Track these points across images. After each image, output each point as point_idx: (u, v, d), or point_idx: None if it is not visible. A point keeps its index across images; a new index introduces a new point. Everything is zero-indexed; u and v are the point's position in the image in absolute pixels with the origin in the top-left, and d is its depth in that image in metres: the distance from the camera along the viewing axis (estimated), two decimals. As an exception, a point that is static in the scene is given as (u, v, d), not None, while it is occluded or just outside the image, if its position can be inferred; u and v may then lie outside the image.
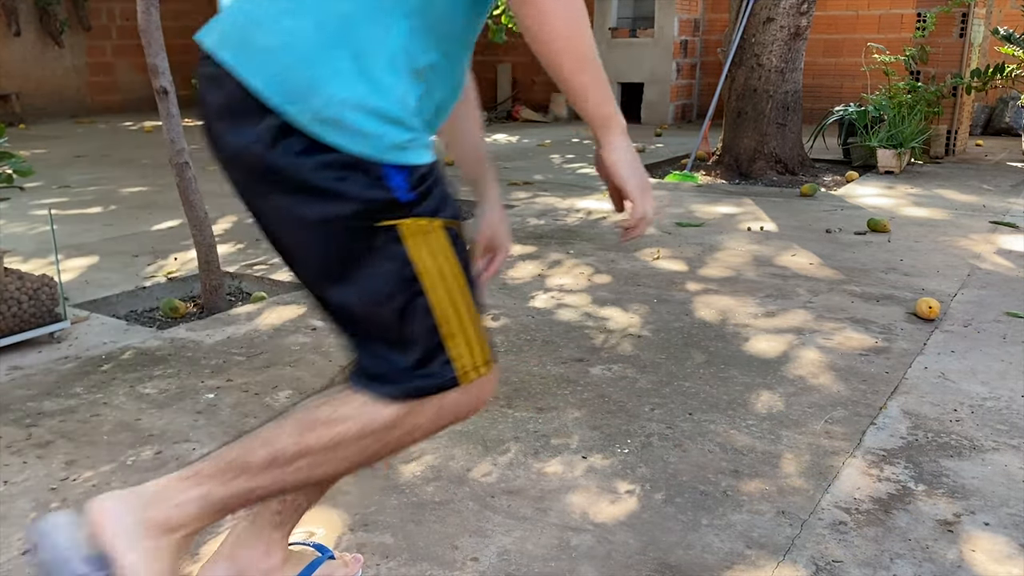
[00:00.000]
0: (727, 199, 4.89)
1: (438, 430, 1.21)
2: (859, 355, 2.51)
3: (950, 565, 1.52)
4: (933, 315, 2.79)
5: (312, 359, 2.50)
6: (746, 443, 1.97)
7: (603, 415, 2.12)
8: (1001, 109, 8.14)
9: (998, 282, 3.24)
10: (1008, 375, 2.36)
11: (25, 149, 7.22)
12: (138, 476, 1.84)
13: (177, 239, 3.99)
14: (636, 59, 9.49)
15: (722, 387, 2.29)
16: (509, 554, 1.56)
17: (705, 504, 1.72)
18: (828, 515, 1.68)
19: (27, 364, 2.48)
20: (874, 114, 5.98)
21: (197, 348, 2.59)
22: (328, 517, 1.68)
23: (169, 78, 2.82)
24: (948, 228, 4.15)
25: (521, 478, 1.82)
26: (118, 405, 2.19)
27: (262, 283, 3.37)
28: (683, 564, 1.53)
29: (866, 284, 3.21)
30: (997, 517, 1.67)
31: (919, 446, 1.96)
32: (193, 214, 2.97)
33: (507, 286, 3.22)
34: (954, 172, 5.88)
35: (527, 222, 4.34)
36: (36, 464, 1.89)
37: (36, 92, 10.45)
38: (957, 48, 6.40)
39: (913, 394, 2.24)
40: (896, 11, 8.53)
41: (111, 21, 11.09)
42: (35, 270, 3.13)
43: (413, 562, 1.53)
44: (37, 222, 4.39)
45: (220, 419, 2.11)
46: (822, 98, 8.70)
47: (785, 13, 5.48)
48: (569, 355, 2.53)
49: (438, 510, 1.70)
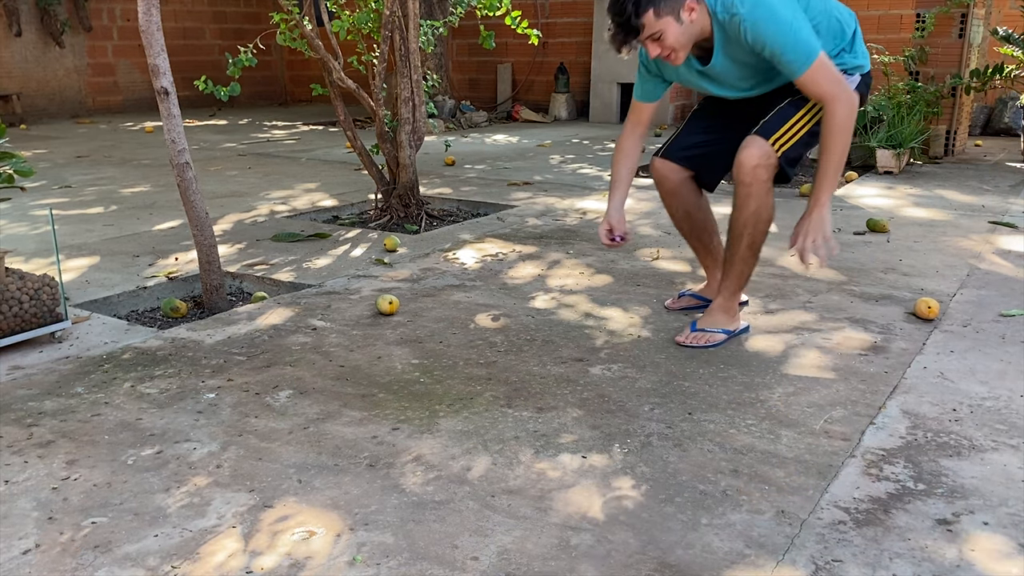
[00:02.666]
0: (726, 199, 4.88)
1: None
2: (858, 355, 2.51)
3: (949, 564, 1.53)
4: (932, 315, 2.79)
5: (312, 359, 2.51)
6: (746, 443, 1.98)
7: (603, 415, 2.13)
8: (1000, 109, 8.14)
9: (997, 282, 3.25)
10: (1007, 375, 2.37)
11: (26, 149, 7.23)
12: (139, 476, 1.84)
13: (178, 239, 3.99)
14: (636, 59, 9.48)
15: (722, 387, 2.29)
16: (509, 553, 1.56)
17: (705, 504, 1.72)
18: (827, 515, 1.68)
19: (28, 364, 2.48)
20: (873, 114, 5.98)
21: (198, 348, 2.60)
22: (328, 517, 1.68)
23: (170, 78, 2.82)
24: (947, 228, 4.15)
25: (521, 478, 1.83)
26: (119, 405, 2.20)
27: (263, 283, 3.37)
28: (683, 563, 1.53)
29: (865, 284, 3.22)
30: (996, 517, 1.68)
31: (918, 446, 1.97)
32: (194, 214, 2.97)
33: (507, 286, 3.22)
34: (953, 172, 5.89)
35: (527, 222, 4.35)
36: (37, 464, 1.90)
37: (37, 92, 10.46)
38: (956, 48, 6.41)
39: (912, 394, 2.25)
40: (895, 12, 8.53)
41: (112, 22, 11.09)
42: (36, 270, 3.14)
43: (413, 561, 1.54)
44: (38, 222, 4.39)
45: (221, 419, 2.12)
46: (822, 98, 8.70)
47: (785, 13, 5.48)
48: (569, 355, 2.53)
49: (438, 510, 1.71)
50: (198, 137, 8.21)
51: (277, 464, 1.89)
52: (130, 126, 9.45)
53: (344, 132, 4.40)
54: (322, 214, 4.69)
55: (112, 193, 5.29)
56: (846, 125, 2.33)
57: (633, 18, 2.23)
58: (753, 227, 2.47)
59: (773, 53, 2.29)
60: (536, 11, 10.41)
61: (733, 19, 2.28)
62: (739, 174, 2.43)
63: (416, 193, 4.40)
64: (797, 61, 2.28)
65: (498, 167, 6.29)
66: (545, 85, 10.55)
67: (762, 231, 2.50)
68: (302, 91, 12.84)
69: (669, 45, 2.30)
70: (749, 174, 2.41)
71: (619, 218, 2.65)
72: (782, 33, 2.25)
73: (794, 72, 2.30)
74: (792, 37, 2.26)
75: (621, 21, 2.25)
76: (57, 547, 1.59)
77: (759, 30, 2.26)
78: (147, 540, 1.61)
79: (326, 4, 4.41)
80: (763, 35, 2.26)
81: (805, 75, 2.30)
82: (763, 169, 2.40)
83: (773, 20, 2.25)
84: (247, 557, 1.55)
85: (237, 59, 3.81)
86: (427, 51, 4.74)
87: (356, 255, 3.73)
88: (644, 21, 2.23)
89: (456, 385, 2.32)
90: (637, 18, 2.23)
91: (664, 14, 2.23)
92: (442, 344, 2.63)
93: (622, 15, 2.24)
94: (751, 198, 2.44)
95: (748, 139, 2.44)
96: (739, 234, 2.51)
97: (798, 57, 2.27)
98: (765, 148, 2.41)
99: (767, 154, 2.40)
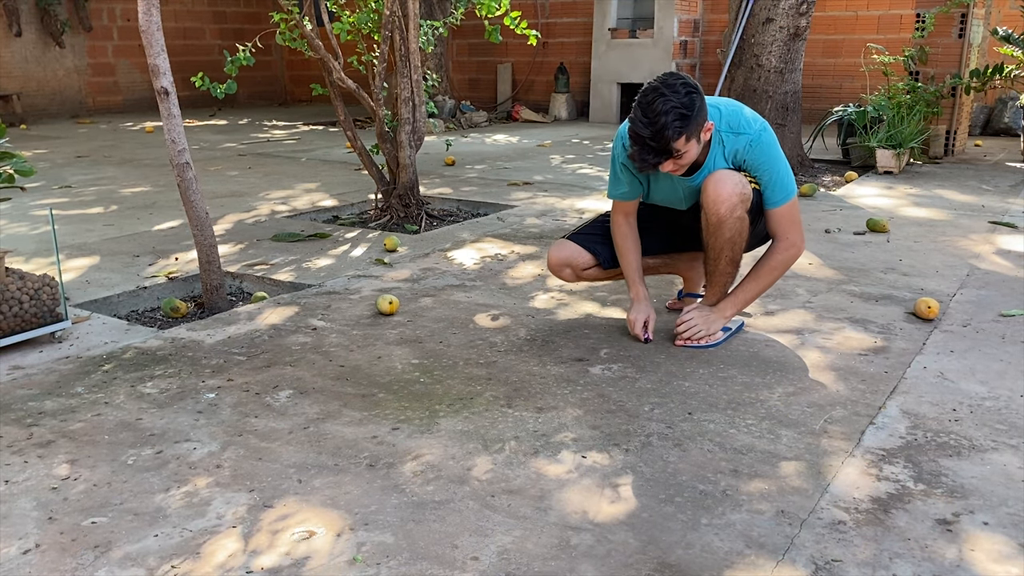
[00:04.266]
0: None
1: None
2: (858, 355, 2.51)
3: (949, 564, 1.53)
4: (932, 315, 2.79)
5: (312, 359, 2.51)
6: (745, 442, 1.98)
7: (603, 415, 2.13)
8: (1000, 109, 8.14)
9: (997, 282, 3.25)
10: (1007, 375, 2.37)
11: (26, 149, 7.23)
12: (139, 476, 1.84)
13: (178, 239, 4.00)
14: (635, 59, 9.50)
15: (722, 387, 2.29)
16: (509, 553, 1.56)
17: (705, 503, 1.72)
18: (827, 514, 1.68)
19: (28, 364, 2.48)
20: (873, 114, 5.98)
21: (198, 348, 2.60)
22: (328, 517, 1.68)
23: (170, 78, 2.82)
24: (947, 228, 4.16)
25: (521, 478, 1.83)
26: (119, 405, 2.20)
27: (263, 283, 3.37)
28: (683, 563, 1.53)
29: (865, 284, 3.22)
30: (996, 516, 1.68)
31: (918, 446, 1.97)
32: (194, 214, 2.97)
33: (507, 286, 3.23)
34: (953, 172, 5.89)
35: (527, 222, 4.35)
36: (37, 464, 1.90)
37: (37, 92, 10.46)
38: (956, 48, 6.41)
39: (912, 394, 2.25)
40: (895, 11, 8.54)
41: (112, 21, 11.10)
42: (36, 270, 3.14)
43: (413, 561, 1.54)
44: (38, 222, 4.39)
45: (221, 419, 2.12)
46: (821, 98, 8.71)
47: (784, 14, 5.49)
48: (569, 355, 2.53)
49: (438, 510, 1.71)
50: (198, 137, 8.20)
51: (277, 464, 1.89)
52: (130, 126, 9.45)
53: (344, 132, 4.40)
54: (322, 214, 4.69)
55: (112, 193, 5.29)
56: (785, 266, 2.56)
57: (671, 143, 2.24)
58: (731, 248, 2.49)
59: (761, 179, 2.47)
60: (536, 11, 10.41)
61: (739, 138, 2.44)
62: (715, 208, 2.41)
63: (416, 193, 4.40)
64: (781, 193, 2.48)
65: (498, 167, 6.29)
66: (545, 85, 10.56)
67: (741, 247, 2.51)
68: (302, 91, 12.85)
69: (684, 163, 2.35)
70: (726, 210, 2.41)
71: (652, 311, 2.65)
72: (777, 164, 2.47)
73: (775, 202, 2.49)
74: (784, 171, 2.48)
75: (657, 146, 2.25)
76: (57, 547, 1.59)
77: (760, 153, 2.45)
78: (147, 540, 1.61)
79: (326, 4, 4.41)
80: (761, 159, 2.45)
81: (783, 207, 2.49)
82: (740, 206, 2.41)
83: (773, 150, 2.47)
84: (247, 557, 1.55)
85: (235, 57, 3.81)
86: (427, 51, 4.74)
87: (356, 255, 3.73)
88: (677, 145, 2.26)
89: (456, 385, 2.32)
90: (674, 142, 2.25)
91: (692, 137, 2.29)
92: (442, 344, 2.63)
93: (658, 140, 2.24)
94: (724, 227, 2.44)
95: (716, 173, 2.41)
96: (717, 255, 2.51)
97: (783, 190, 2.48)
98: (737, 177, 2.41)
99: (743, 183, 2.41)
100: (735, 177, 2.41)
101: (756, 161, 2.45)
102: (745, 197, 2.41)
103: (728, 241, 2.46)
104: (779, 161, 2.47)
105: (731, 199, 2.39)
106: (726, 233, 2.44)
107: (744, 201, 2.41)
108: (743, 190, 2.40)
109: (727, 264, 2.52)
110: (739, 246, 2.49)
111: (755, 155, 2.44)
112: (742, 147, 2.44)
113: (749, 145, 2.43)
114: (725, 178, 2.40)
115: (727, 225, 2.42)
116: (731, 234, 2.45)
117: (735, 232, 2.45)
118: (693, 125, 2.25)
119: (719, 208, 2.40)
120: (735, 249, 2.49)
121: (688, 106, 2.22)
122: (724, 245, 2.48)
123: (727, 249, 2.49)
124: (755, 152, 2.44)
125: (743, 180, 2.42)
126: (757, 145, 2.43)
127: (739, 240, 2.47)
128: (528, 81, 10.74)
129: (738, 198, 2.39)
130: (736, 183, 2.39)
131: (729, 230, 2.44)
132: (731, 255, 2.51)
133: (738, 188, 2.39)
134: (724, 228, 2.43)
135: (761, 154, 2.44)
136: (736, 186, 2.39)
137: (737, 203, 2.40)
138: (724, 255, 2.50)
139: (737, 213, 2.41)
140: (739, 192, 2.39)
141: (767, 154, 2.44)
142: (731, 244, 2.48)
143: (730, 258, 2.51)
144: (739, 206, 2.40)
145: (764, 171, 2.46)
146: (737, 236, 2.46)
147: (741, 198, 2.40)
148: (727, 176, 2.40)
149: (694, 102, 2.24)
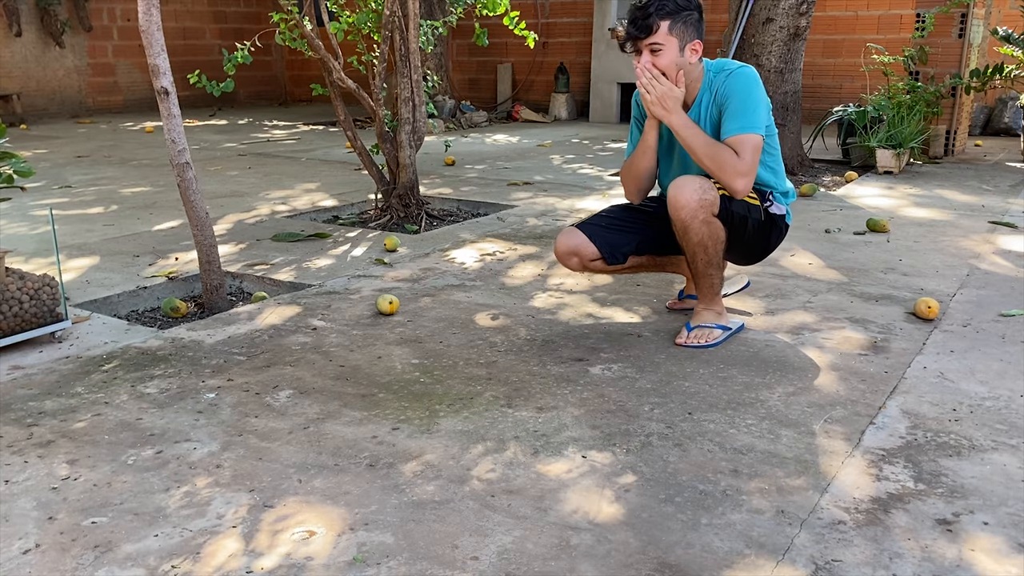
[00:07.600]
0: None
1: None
2: (858, 355, 2.52)
3: (949, 564, 1.53)
4: (932, 315, 2.79)
5: (312, 359, 2.51)
6: (746, 442, 1.98)
7: (603, 415, 2.13)
8: (1000, 109, 8.14)
9: (997, 282, 3.25)
10: (1007, 375, 2.37)
11: (26, 149, 7.23)
12: (139, 476, 1.84)
13: (178, 239, 4.00)
14: (636, 59, 9.49)
15: (721, 387, 2.29)
16: (509, 553, 1.56)
17: (705, 503, 1.72)
18: (827, 514, 1.68)
19: (28, 364, 2.48)
20: (873, 114, 5.98)
21: (198, 348, 2.60)
22: (328, 517, 1.68)
23: (170, 78, 2.82)
24: (947, 228, 4.16)
25: (521, 478, 1.83)
26: (119, 405, 2.20)
27: (263, 283, 3.37)
28: (683, 563, 1.53)
29: (865, 284, 3.22)
30: (996, 516, 1.68)
31: (918, 446, 1.97)
32: (194, 214, 2.97)
33: (507, 286, 3.23)
34: (953, 172, 5.89)
35: (527, 222, 4.35)
36: (37, 464, 1.90)
37: (37, 92, 10.46)
38: (956, 48, 6.41)
39: (912, 394, 2.25)
40: (895, 11, 8.53)
41: (112, 21, 11.09)
42: (36, 270, 3.14)
43: (413, 561, 1.54)
44: (38, 222, 4.39)
45: (221, 418, 2.12)
46: (821, 98, 8.71)
47: (784, 14, 5.49)
48: (569, 355, 2.53)
49: (438, 510, 1.71)
50: (198, 137, 8.20)
51: (277, 464, 1.89)
52: (130, 126, 9.45)
53: (344, 132, 4.40)
54: (322, 214, 4.69)
55: (112, 193, 5.29)
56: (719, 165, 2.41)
57: (652, 18, 2.38)
58: (704, 251, 2.51)
59: (729, 107, 2.45)
60: (536, 11, 10.41)
61: (722, 74, 2.50)
62: (676, 214, 2.45)
63: (416, 193, 4.40)
64: (742, 121, 2.43)
65: (498, 167, 6.29)
66: (545, 85, 10.56)
67: (715, 249, 2.52)
68: (302, 91, 12.84)
69: (662, 64, 2.43)
70: (687, 215, 2.43)
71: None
72: (748, 98, 2.45)
73: (733, 129, 2.42)
74: (752, 106, 2.45)
75: (639, 18, 2.40)
76: (57, 547, 1.59)
77: (736, 84, 2.46)
78: (147, 540, 1.61)
79: (326, 4, 4.41)
80: (735, 89, 2.46)
81: (738, 136, 2.42)
82: (701, 211, 2.43)
83: (748, 83, 2.47)
84: (247, 557, 1.55)
85: (233, 56, 3.81)
86: (427, 51, 4.74)
87: (356, 255, 3.73)
88: (657, 26, 2.39)
89: (456, 385, 2.32)
90: (654, 19, 2.38)
91: (674, 35, 2.41)
92: (442, 344, 2.63)
93: (644, 12, 2.40)
94: (690, 232, 2.47)
95: (677, 180, 2.47)
96: (692, 258, 2.55)
97: (745, 121, 2.43)
98: (697, 183, 2.43)
99: (704, 188, 2.42)
100: (695, 182, 2.43)
101: (729, 91, 2.46)
102: (706, 203, 2.43)
103: (698, 245, 2.49)
104: (750, 97, 2.45)
105: (690, 204, 2.42)
106: (693, 237, 2.48)
107: (706, 206, 2.43)
108: (703, 196, 2.42)
109: (704, 267, 2.55)
110: (712, 249, 2.51)
111: (729, 85, 2.47)
112: (722, 81, 2.49)
113: (727, 76, 2.48)
114: (684, 183, 2.44)
115: (692, 229, 2.46)
116: (699, 238, 2.47)
117: (703, 236, 2.47)
118: (679, 18, 2.40)
119: (680, 213, 2.44)
120: (708, 252, 2.51)
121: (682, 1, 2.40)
122: (696, 249, 2.51)
123: (700, 252, 2.51)
124: (730, 82, 2.47)
125: (705, 186, 2.43)
126: (735, 77, 2.47)
127: (711, 244, 2.49)
128: (528, 81, 10.74)
129: (697, 203, 2.42)
130: (695, 188, 2.42)
131: (696, 234, 2.46)
132: (705, 258, 2.52)
133: (697, 194, 2.42)
134: (690, 232, 2.47)
135: (735, 83, 2.46)
136: (695, 192, 2.42)
137: (697, 208, 2.42)
138: (699, 258, 2.53)
139: (700, 217, 2.43)
140: (698, 198, 2.42)
141: (741, 84, 2.46)
142: (702, 248, 2.50)
143: (705, 261, 2.53)
144: (700, 211, 2.43)
145: (730, 100, 2.45)
146: (707, 240, 2.48)
147: (701, 203, 2.42)
148: (686, 181, 2.44)
149: (690, 2, 2.42)
